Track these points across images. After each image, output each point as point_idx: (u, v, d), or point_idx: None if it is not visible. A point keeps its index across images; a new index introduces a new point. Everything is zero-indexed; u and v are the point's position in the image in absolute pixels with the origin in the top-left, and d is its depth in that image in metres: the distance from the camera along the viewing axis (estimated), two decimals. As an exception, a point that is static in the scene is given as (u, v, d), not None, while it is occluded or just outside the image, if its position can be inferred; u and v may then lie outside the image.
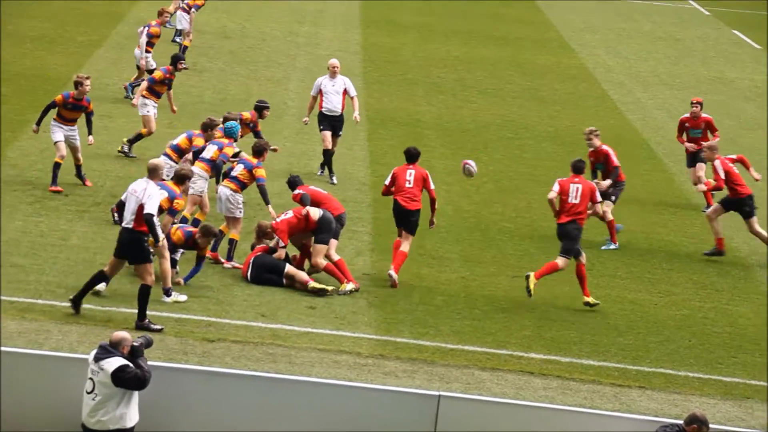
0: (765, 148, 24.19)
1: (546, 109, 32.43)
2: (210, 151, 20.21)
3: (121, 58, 32.34)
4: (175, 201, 18.07)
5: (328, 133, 24.26)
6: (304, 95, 29.15)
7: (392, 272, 19.30)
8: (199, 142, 20.70)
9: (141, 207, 16.50)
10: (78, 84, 21.92)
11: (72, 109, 21.88)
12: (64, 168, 21.82)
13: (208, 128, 20.81)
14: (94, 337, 15.89)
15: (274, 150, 22.42)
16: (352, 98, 24.57)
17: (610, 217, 22.07)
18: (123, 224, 16.74)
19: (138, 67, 28.55)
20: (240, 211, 19.61)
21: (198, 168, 20.00)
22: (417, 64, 35.95)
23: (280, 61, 33.24)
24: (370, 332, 17.52)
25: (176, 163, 20.51)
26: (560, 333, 18.24)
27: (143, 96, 24.15)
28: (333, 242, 19.24)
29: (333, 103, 24.36)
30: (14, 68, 29.88)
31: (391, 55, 36.88)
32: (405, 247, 19.49)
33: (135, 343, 12.78)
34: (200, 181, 19.96)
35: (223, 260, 19.42)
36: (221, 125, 20.94)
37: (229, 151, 20.24)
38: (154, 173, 16.84)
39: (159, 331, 16.48)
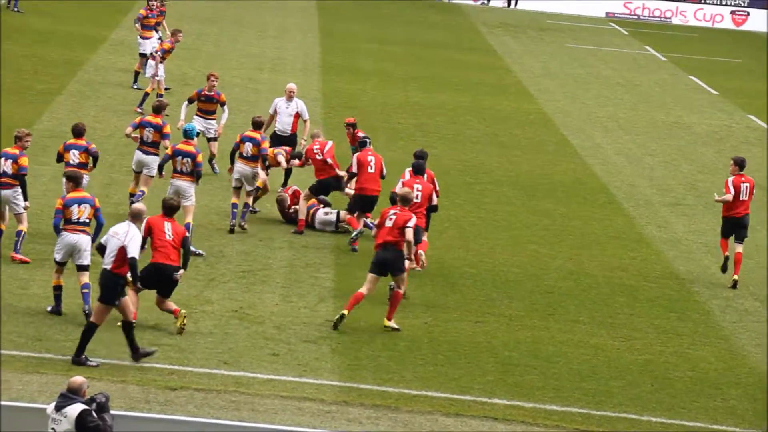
0: (722, 192, 24.77)
1: (506, 154, 32.59)
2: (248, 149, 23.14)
3: (81, 105, 32.25)
4: None
5: None
6: (265, 142, 29.19)
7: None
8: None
9: (123, 249, 16.64)
10: (18, 139, 20.59)
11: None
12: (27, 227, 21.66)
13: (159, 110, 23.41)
14: (56, 386, 15.74)
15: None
16: (304, 122, 26.38)
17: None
18: (103, 266, 16.89)
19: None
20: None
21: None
22: (377, 110, 36.08)
23: (240, 108, 33.25)
24: (333, 379, 17.45)
25: None
26: (523, 378, 18.24)
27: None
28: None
29: (284, 124, 26.24)
30: (-28, 116, 29.74)
31: (351, 101, 36.98)
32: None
33: (100, 399, 12.69)
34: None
35: None
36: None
37: (266, 144, 23.36)
38: (137, 218, 17.15)
39: (95, 366, 16.69)
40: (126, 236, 16.80)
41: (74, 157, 21.34)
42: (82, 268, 18.34)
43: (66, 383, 12.82)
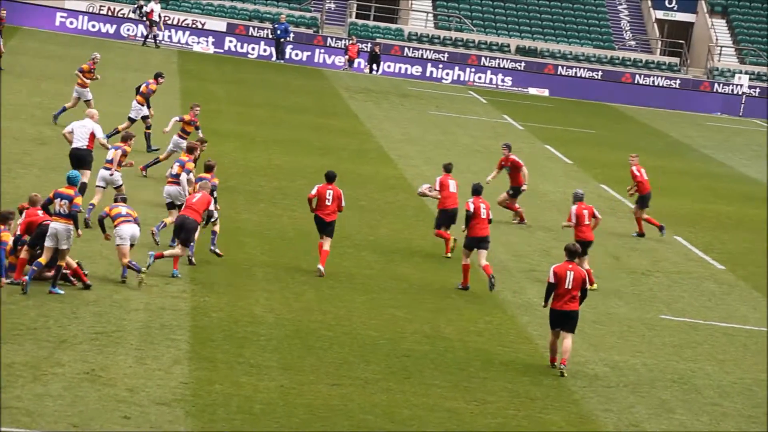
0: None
1: (365, 218, 32.78)
2: (174, 168, 27.04)
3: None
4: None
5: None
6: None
7: (320, 266, 26.16)
8: None
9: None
10: None
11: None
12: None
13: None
14: None
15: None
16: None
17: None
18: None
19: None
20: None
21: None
22: (237, 172, 36.03)
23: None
24: (186, 442, 17.26)
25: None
26: (378, 441, 18.26)
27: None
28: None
29: (79, 140, 29.09)
30: None
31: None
32: (326, 246, 26.24)
33: None
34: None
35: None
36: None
37: (191, 165, 27.28)
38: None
39: None
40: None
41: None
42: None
43: None
